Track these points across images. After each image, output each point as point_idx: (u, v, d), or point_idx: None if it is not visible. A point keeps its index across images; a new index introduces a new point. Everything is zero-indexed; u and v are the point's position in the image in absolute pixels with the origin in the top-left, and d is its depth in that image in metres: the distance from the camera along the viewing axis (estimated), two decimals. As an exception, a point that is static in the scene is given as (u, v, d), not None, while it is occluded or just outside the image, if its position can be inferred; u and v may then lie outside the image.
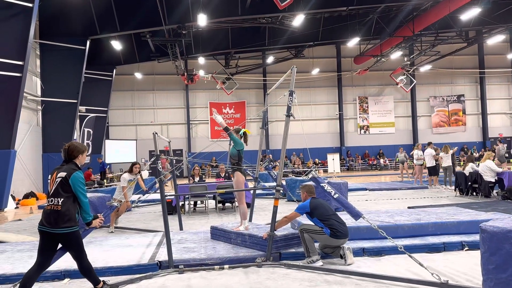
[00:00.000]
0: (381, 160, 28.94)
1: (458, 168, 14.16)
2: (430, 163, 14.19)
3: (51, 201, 3.81)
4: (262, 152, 8.28)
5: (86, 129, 20.15)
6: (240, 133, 6.30)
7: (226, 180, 11.62)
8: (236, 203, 10.96)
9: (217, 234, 6.39)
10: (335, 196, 4.73)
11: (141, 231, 7.99)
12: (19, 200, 14.94)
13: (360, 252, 5.43)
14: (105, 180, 19.64)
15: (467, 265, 4.87)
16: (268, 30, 23.42)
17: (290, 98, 5.39)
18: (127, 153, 25.05)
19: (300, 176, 22.40)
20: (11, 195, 13.81)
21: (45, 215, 3.80)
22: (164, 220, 5.21)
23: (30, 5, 13.01)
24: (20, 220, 10.61)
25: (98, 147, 22.73)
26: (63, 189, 3.80)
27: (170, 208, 9.99)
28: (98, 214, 4.14)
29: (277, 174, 5.59)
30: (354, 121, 30.55)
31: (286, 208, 10.06)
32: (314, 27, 23.28)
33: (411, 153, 16.54)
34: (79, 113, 19.05)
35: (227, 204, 11.15)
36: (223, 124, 6.02)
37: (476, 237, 5.46)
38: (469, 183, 11.34)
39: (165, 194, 5.37)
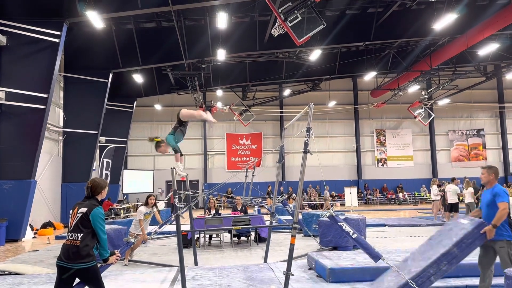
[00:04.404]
0: (400, 194, 28.40)
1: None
2: (453, 199, 13.68)
3: (71, 236, 3.85)
4: (279, 184, 8.25)
5: (105, 160, 20.43)
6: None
7: (242, 213, 11.55)
8: (252, 237, 10.91)
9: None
10: (353, 236, 4.65)
11: (156, 265, 7.94)
12: (37, 229, 15.09)
13: (379, 294, 5.25)
14: (121, 211, 19.73)
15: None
16: (285, 64, 23.74)
17: (308, 135, 5.40)
18: (144, 183, 25.26)
19: (317, 209, 22.35)
20: (29, 224, 13.96)
21: (64, 250, 3.83)
22: (180, 258, 5.18)
23: (57, 40, 13.60)
24: (37, 250, 10.66)
25: (116, 177, 22.97)
26: (83, 225, 3.85)
27: (185, 241, 9.93)
28: (115, 251, 4.16)
29: (294, 209, 5.53)
30: (371, 153, 30.28)
31: (303, 244, 9.90)
32: (331, 61, 23.53)
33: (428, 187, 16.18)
34: (99, 144, 19.40)
35: (242, 238, 11.04)
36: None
37: (497, 280, 5.25)
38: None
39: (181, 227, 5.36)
